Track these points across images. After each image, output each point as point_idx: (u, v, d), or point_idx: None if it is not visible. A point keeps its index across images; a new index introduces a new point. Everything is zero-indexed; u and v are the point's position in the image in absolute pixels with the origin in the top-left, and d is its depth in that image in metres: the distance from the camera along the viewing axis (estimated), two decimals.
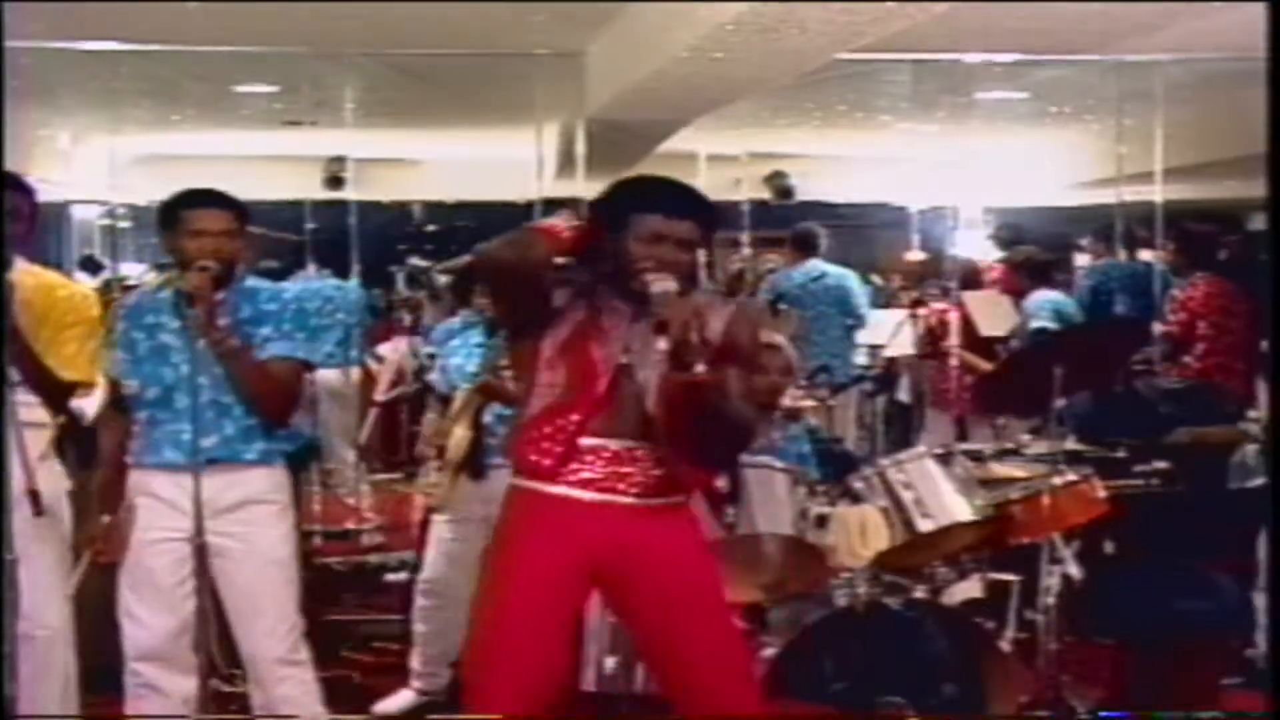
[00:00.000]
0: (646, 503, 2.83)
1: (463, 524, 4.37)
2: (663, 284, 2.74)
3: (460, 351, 4.51)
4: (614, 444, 2.81)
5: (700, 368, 2.69)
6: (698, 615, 2.83)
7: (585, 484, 2.81)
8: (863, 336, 7.67)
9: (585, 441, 2.80)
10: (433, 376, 4.64)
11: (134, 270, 9.46)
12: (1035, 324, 6.33)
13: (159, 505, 3.33)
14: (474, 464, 4.27)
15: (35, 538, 3.10)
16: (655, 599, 2.83)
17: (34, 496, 2.98)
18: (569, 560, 2.81)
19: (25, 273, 3.38)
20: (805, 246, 7.57)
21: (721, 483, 3.59)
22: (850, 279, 7.75)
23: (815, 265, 7.55)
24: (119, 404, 3.42)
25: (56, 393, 3.38)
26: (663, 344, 2.69)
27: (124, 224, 9.96)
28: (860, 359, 7.64)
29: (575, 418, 2.80)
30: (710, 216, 2.89)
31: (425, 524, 4.73)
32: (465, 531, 4.37)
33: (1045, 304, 6.52)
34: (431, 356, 4.73)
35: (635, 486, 2.82)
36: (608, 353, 2.81)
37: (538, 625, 2.78)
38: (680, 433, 2.80)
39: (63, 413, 3.44)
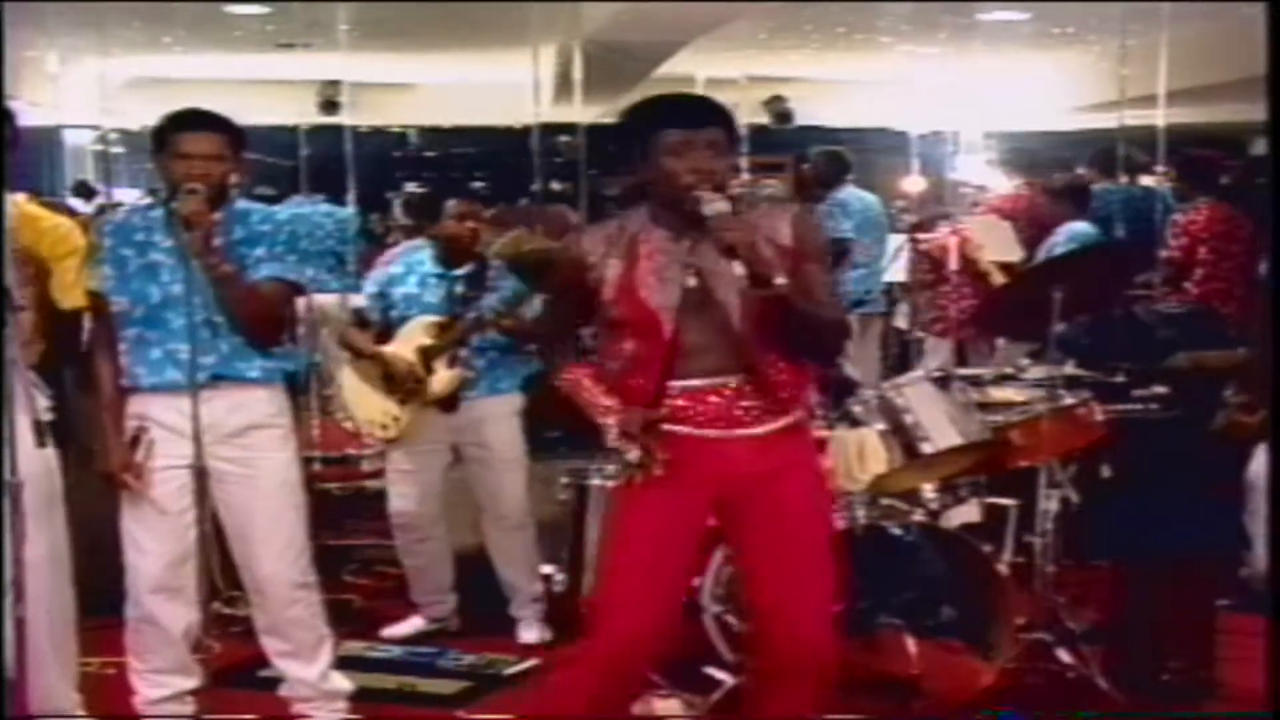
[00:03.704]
0: (766, 430, 2.80)
1: (426, 454, 4.36)
2: (714, 205, 2.67)
3: (408, 280, 4.39)
4: (717, 381, 2.78)
5: (780, 280, 2.66)
6: (797, 542, 2.83)
7: (707, 422, 2.78)
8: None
9: (685, 384, 2.77)
10: (360, 301, 4.51)
11: (128, 196, 9.39)
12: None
13: (160, 432, 3.30)
14: (451, 398, 4.27)
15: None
16: (763, 524, 2.84)
17: (38, 427, 2.94)
18: (693, 492, 2.81)
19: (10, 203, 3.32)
20: (842, 170, 7.39)
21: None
22: (878, 205, 7.64)
23: (853, 190, 7.38)
24: (107, 323, 3.38)
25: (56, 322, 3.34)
26: (739, 269, 2.64)
27: (116, 149, 9.88)
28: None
29: (656, 368, 2.77)
30: (731, 123, 2.84)
31: None
32: (428, 461, 4.37)
33: (1075, 237, 6.39)
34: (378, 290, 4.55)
35: (751, 419, 2.79)
36: (664, 297, 2.75)
37: (663, 551, 2.81)
38: (780, 347, 2.78)
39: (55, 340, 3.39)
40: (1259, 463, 4.42)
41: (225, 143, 3.33)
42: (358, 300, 4.56)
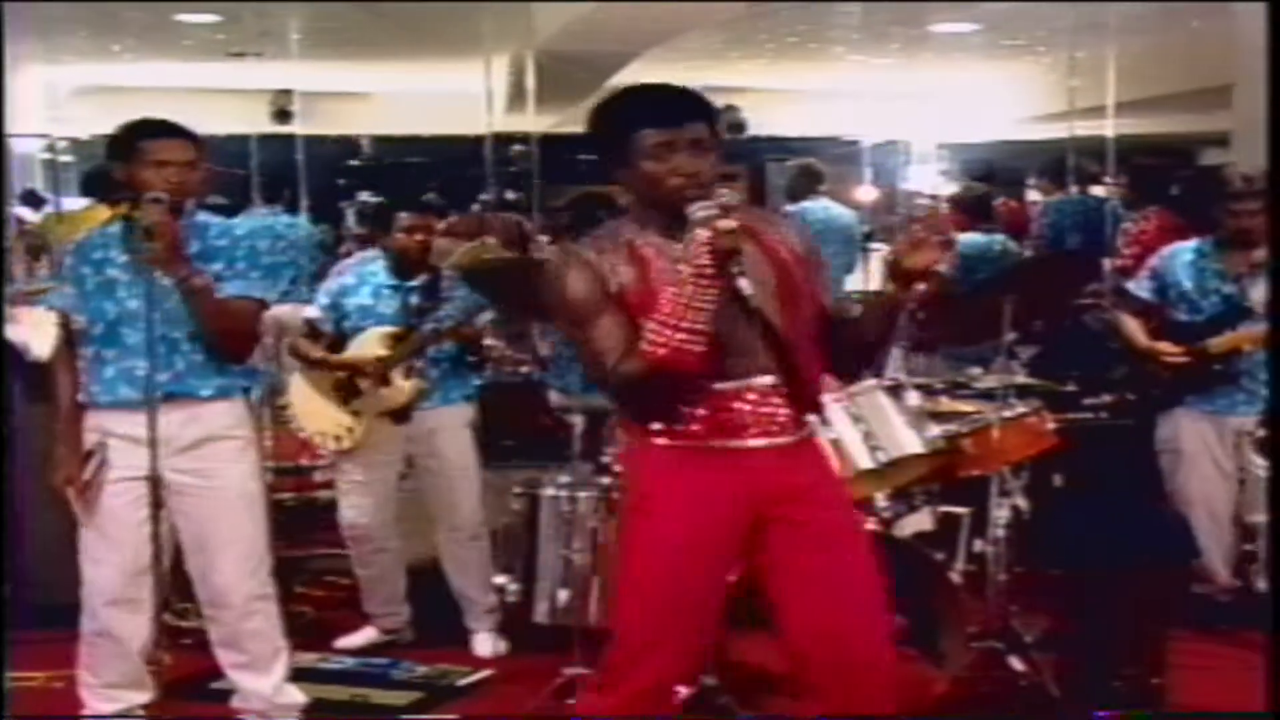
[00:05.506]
0: (797, 438, 2.58)
1: (380, 464, 4.33)
2: (705, 210, 2.41)
3: (361, 291, 4.35)
4: (756, 382, 2.53)
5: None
6: (843, 560, 2.62)
7: (740, 430, 2.53)
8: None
9: (721, 385, 2.51)
10: (312, 312, 4.44)
11: (77, 205, 9.29)
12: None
13: (118, 444, 3.28)
14: (405, 409, 4.24)
15: None
16: (804, 543, 2.58)
17: None
18: (733, 512, 2.55)
19: None
20: (815, 182, 7.37)
21: None
22: (848, 217, 7.64)
23: (822, 201, 7.37)
24: (71, 341, 3.36)
25: None
26: (746, 286, 2.42)
27: (65, 157, 9.77)
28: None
29: (696, 369, 2.46)
30: (712, 115, 2.57)
31: None
32: (382, 472, 4.34)
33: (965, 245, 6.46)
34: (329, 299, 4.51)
35: (787, 424, 2.56)
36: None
37: (698, 590, 2.57)
38: (805, 345, 2.57)
39: None
40: (1185, 476, 4.41)
41: (195, 150, 3.31)
42: (310, 311, 4.51)
